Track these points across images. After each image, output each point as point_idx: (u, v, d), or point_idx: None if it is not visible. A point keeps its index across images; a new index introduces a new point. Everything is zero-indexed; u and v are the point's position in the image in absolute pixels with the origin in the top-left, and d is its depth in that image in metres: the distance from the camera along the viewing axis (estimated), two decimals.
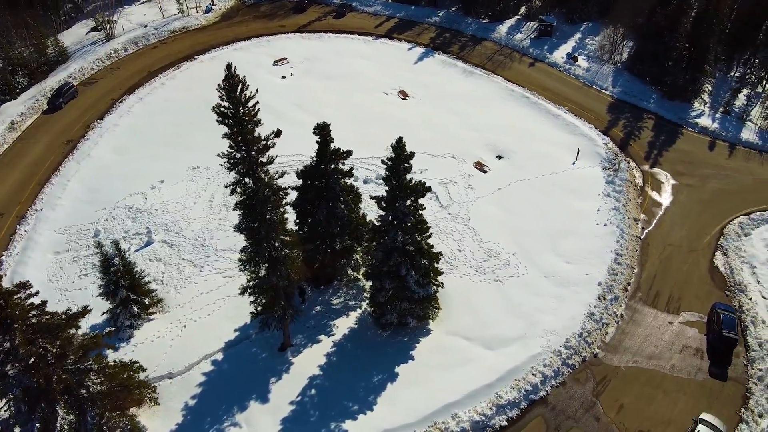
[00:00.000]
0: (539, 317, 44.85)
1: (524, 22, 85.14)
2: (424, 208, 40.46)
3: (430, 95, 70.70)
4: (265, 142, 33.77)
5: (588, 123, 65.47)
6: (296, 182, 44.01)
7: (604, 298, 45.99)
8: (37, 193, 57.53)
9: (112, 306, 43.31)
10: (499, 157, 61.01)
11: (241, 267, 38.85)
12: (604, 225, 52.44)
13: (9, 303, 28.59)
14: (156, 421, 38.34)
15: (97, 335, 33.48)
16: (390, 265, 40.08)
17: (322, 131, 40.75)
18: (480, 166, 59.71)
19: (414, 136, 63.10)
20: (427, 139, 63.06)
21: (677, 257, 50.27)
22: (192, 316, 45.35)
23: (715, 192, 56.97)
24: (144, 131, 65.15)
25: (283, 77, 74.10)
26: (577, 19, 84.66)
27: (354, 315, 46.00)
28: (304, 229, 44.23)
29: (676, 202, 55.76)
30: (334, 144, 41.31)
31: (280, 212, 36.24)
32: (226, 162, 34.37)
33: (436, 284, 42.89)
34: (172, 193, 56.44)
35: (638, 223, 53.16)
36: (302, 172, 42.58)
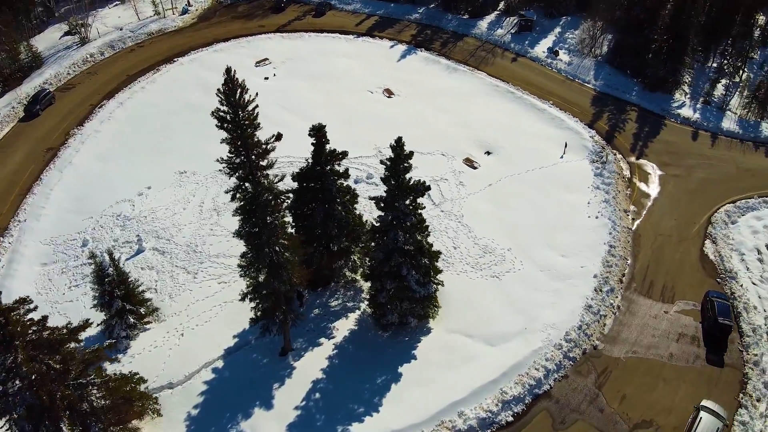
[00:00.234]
0: (538, 311, 45.14)
1: (504, 18, 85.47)
2: (424, 207, 40.42)
3: (415, 93, 70.56)
4: (265, 146, 33.26)
5: (573, 116, 66.04)
6: (289, 185, 43.54)
7: (601, 290, 46.46)
8: (19, 204, 56.08)
9: (106, 317, 42.41)
10: (488, 153, 61.22)
11: (241, 273, 38.35)
12: (596, 217, 52.98)
13: (9, 319, 27.75)
14: None
15: (98, 348, 32.76)
16: (391, 266, 39.92)
17: (318, 133, 40.40)
18: (470, 163, 59.83)
19: (402, 134, 61.41)
20: (415, 137, 62.15)
21: (668, 247, 51.03)
22: (189, 323, 44.65)
23: (701, 181, 57.94)
24: (127, 137, 63.87)
25: (266, 78, 73.25)
26: (556, 13, 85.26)
27: (353, 316, 45.76)
28: (299, 232, 43.79)
29: (664, 193, 56.58)
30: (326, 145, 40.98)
31: (280, 216, 35.75)
32: (226, 167, 33.74)
33: (436, 283, 42.88)
34: (160, 199, 55.44)
35: (629, 215, 53.81)
36: (298, 175, 42.18)
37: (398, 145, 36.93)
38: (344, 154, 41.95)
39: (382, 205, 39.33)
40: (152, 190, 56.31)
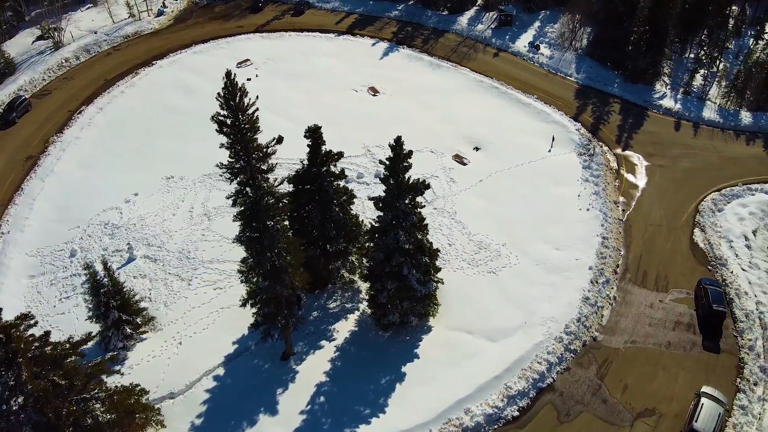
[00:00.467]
0: (537, 305, 45.43)
1: (483, 13, 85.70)
2: (424, 205, 40.32)
3: (400, 90, 70.40)
4: (266, 150, 32.78)
5: (558, 110, 66.55)
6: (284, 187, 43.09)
7: (597, 282, 46.95)
8: (0, 215, 54.46)
9: (102, 329, 41.50)
10: (477, 149, 61.40)
11: (242, 279, 37.81)
12: (587, 210, 53.51)
13: (12, 337, 26.93)
14: None
15: (101, 361, 32.07)
16: (392, 266, 39.76)
17: (314, 134, 40.05)
18: (459, 159, 59.92)
19: (389, 132, 61.79)
20: (403, 135, 61.60)
21: (659, 236, 51.78)
22: (186, 331, 43.93)
23: (686, 171, 58.89)
24: (109, 143, 62.53)
25: (248, 79, 72.18)
26: (535, 7, 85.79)
27: (353, 317, 45.52)
28: (296, 235, 43.23)
29: (651, 183, 57.36)
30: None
31: (281, 220, 35.30)
32: (227, 173, 33.17)
33: (436, 281, 42.87)
34: (148, 206, 54.40)
35: (618, 206, 54.46)
36: (294, 177, 41.71)
37: (398, 145, 36.76)
38: (340, 154, 41.64)
39: (381, 205, 39.12)
40: (139, 197, 55.23)
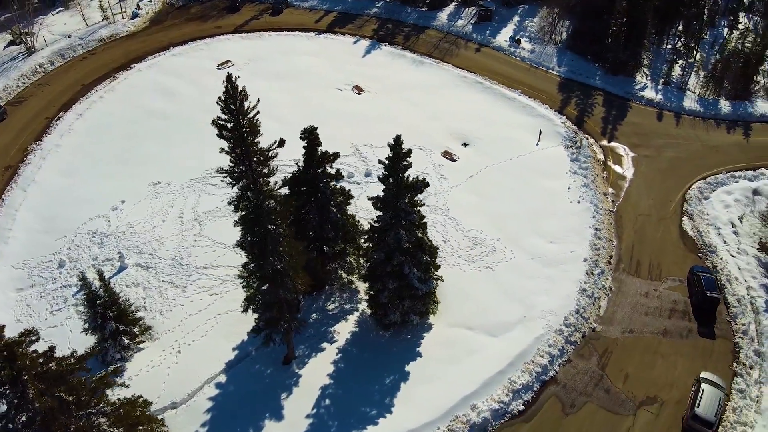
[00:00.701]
0: (535, 299, 45.74)
1: (463, 8, 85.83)
2: (423, 204, 40.23)
3: (384, 88, 70.17)
4: (267, 153, 32.34)
5: (543, 104, 67.03)
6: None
7: (592, 273, 47.45)
8: None
9: (98, 340, 40.58)
10: (465, 145, 61.53)
11: (243, 284, 37.32)
12: (578, 202, 54.03)
13: (17, 354, 26.13)
14: None
15: (105, 374, 31.27)
16: (393, 266, 39.61)
17: (310, 135, 39.77)
18: (448, 156, 60.00)
19: (377, 130, 63.23)
20: (390, 133, 60.40)
21: (649, 226, 52.55)
22: (184, 339, 43.22)
23: (671, 160, 59.84)
24: (91, 150, 61.10)
25: None
26: (513, 2, 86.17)
27: (352, 318, 45.28)
28: (294, 238, 42.90)
29: (638, 174, 58.15)
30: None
31: (283, 223, 34.89)
32: (228, 178, 32.65)
33: (436, 278, 42.87)
34: (136, 213, 53.34)
35: (608, 197, 55.09)
36: (290, 180, 41.28)
37: (397, 144, 36.59)
38: (336, 155, 41.40)
39: (381, 205, 38.94)
40: (127, 204, 54.11)
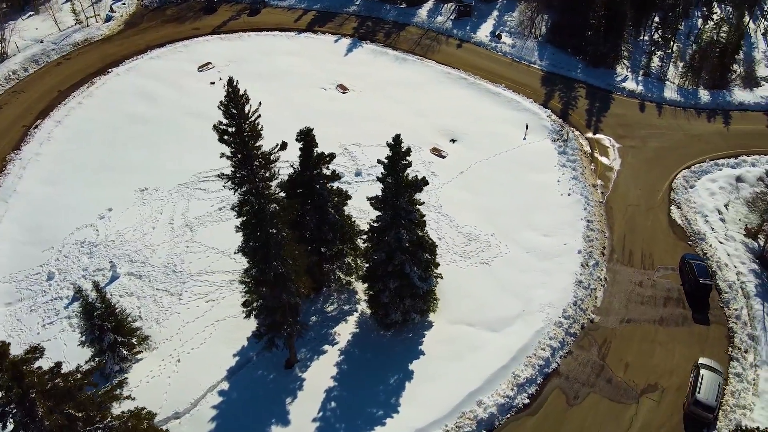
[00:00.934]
0: (532, 293, 46.08)
1: (442, 5, 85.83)
2: (423, 202, 40.19)
3: (369, 86, 69.86)
4: (270, 157, 31.92)
5: (527, 98, 67.46)
6: None
7: (587, 265, 47.99)
8: None
9: (95, 353, 39.71)
10: (453, 141, 61.66)
11: (246, 290, 36.86)
12: (568, 195, 54.55)
13: (24, 372, 25.40)
14: None
15: (111, 388, 30.70)
16: (395, 265, 39.51)
17: (306, 137, 39.39)
18: (437, 152, 60.04)
19: (364, 129, 63.12)
20: (378, 132, 62.19)
21: (639, 216, 53.33)
22: (183, 348, 42.56)
23: (656, 150, 60.78)
24: (73, 157, 59.62)
25: (212, 83, 70.35)
26: None
27: (352, 319, 45.11)
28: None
29: (625, 164, 58.94)
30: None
31: (285, 227, 34.51)
32: (230, 183, 32.16)
33: (436, 276, 42.93)
34: (125, 220, 52.27)
35: (597, 189, 55.76)
36: (287, 182, 40.83)
37: (396, 143, 36.40)
38: (332, 156, 41.04)
39: (381, 204, 38.78)
40: (114, 212, 52.98)
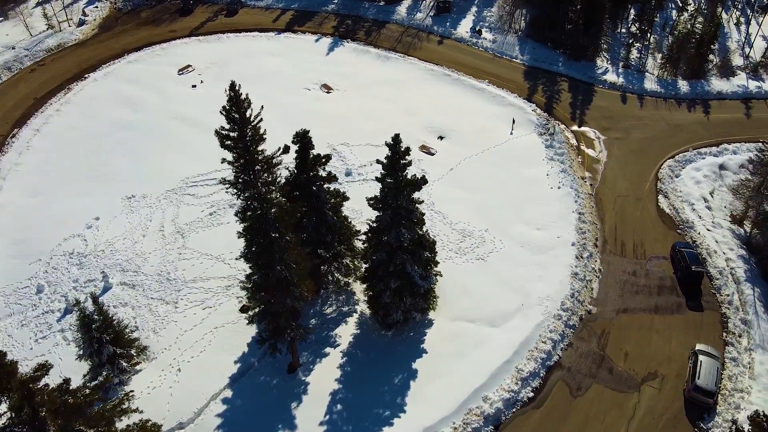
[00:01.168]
0: (530, 286, 46.43)
1: (421, 1, 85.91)
2: (422, 201, 40.15)
3: (353, 85, 69.61)
4: (272, 160, 31.54)
5: (511, 93, 67.90)
6: None
7: (582, 257, 48.51)
8: None
9: (93, 365, 38.89)
10: (441, 138, 61.78)
11: (249, 296, 36.41)
12: (558, 188, 55.08)
13: (34, 391, 24.73)
14: None
15: (119, 401, 30.01)
16: (396, 264, 39.43)
17: (303, 139, 39.06)
18: (426, 150, 60.09)
19: (351, 129, 62.90)
20: (365, 131, 62.44)
21: (628, 207, 54.11)
22: (183, 357, 41.87)
23: (640, 141, 61.73)
24: (55, 166, 58.26)
25: (193, 86, 69.38)
26: None
27: (352, 320, 44.90)
28: None
29: (611, 156, 59.73)
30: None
31: (288, 231, 34.16)
32: (233, 189, 31.70)
33: (435, 273, 42.97)
34: (113, 229, 51.23)
35: (586, 181, 56.41)
36: (284, 185, 40.32)
37: (395, 143, 36.27)
38: (328, 157, 40.78)
39: (380, 205, 38.63)
40: (102, 221, 51.90)
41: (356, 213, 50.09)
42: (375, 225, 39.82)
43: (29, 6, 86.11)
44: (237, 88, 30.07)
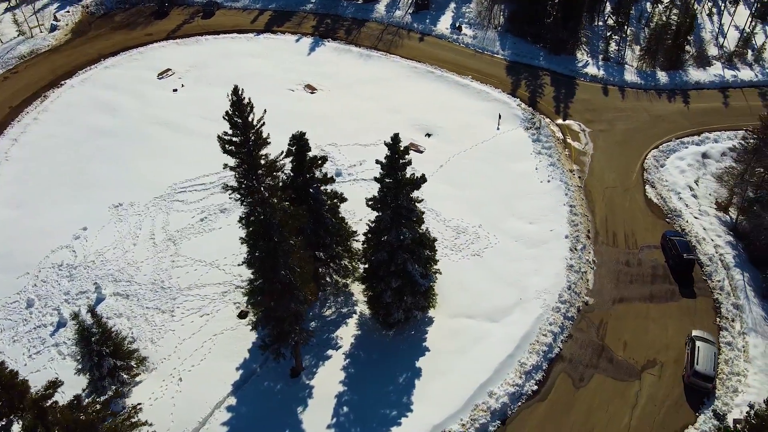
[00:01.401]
0: (527, 281, 46.79)
1: None
2: (422, 200, 40.08)
3: (337, 85, 69.26)
4: (275, 165, 31.16)
5: (495, 88, 68.28)
6: None
7: (576, 249, 49.06)
8: None
9: (92, 379, 38.02)
10: (429, 135, 61.84)
11: (252, 301, 36.00)
12: (548, 181, 55.58)
13: (46, 410, 24.08)
14: None
15: (128, 415, 29.46)
16: (397, 264, 39.36)
17: (300, 141, 38.76)
18: (415, 148, 60.05)
19: (338, 128, 62.57)
20: (352, 130, 62.23)
21: (617, 198, 54.87)
22: (183, 366, 41.25)
23: (624, 132, 62.62)
24: (35, 177, 56.80)
25: (174, 90, 68.26)
26: None
27: (352, 322, 44.73)
28: None
29: (597, 148, 60.47)
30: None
31: (292, 235, 33.83)
32: (236, 194, 31.24)
33: (435, 271, 43.03)
34: (102, 239, 50.18)
35: (574, 174, 57.01)
36: (283, 189, 39.91)
37: (395, 143, 36.13)
38: (324, 158, 40.51)
39: (380, 205, 38.51)
40: (90, 231, 50.80)
41: (350, 214, 49.82)
42: (375, 225, 39.67)
43: None
44: (240, 92, 29.62)
